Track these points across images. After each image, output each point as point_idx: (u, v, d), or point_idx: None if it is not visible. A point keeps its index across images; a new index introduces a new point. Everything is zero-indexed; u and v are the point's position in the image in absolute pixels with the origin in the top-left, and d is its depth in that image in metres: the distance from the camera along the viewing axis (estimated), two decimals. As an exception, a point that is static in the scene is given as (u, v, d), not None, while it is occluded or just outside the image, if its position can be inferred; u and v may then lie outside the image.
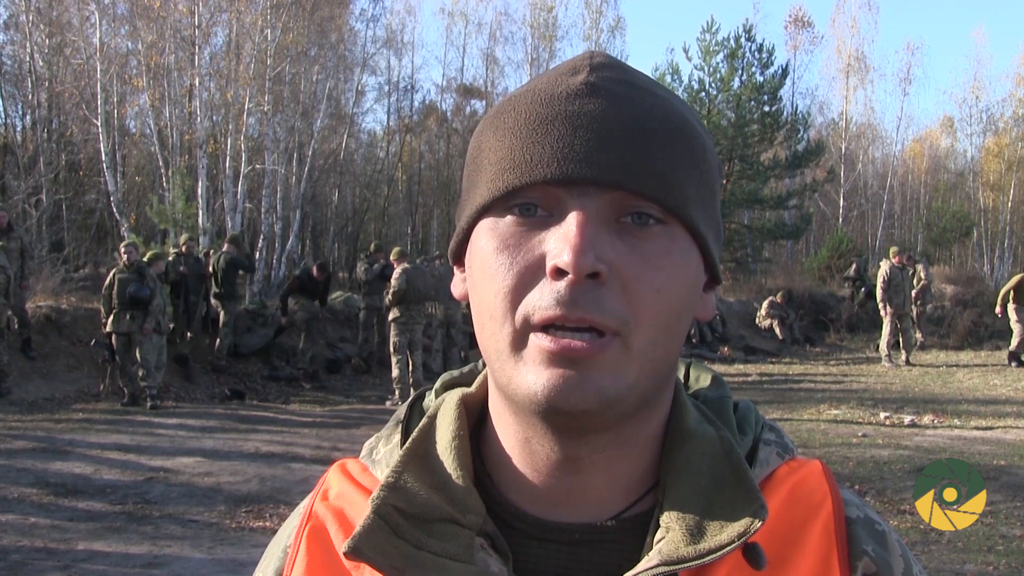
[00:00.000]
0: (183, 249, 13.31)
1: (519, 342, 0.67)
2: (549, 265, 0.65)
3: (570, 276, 0.64)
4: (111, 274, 11.09)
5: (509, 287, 0.67)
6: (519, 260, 0.67)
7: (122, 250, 11.33)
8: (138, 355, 10.87)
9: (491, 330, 0.69)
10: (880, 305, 15.74)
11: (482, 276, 0.70)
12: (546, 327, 0.66)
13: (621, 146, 0.66)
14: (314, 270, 13.80)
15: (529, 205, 0.68)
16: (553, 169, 0.66)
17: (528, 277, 0.67)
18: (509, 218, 0.69)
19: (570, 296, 0.64)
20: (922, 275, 17.53)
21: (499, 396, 0.74)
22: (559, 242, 0.65)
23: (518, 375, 0.67)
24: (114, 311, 10.82)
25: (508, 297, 0.67)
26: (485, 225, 0.70)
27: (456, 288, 0.78)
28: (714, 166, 0.73)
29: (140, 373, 10.93)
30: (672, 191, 0.68)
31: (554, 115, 0.68)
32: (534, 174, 0.67)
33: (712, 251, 0.72)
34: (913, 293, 15.65)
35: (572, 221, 0.65)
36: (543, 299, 0.66)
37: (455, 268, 0.78)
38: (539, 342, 0.66)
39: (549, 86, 0.70)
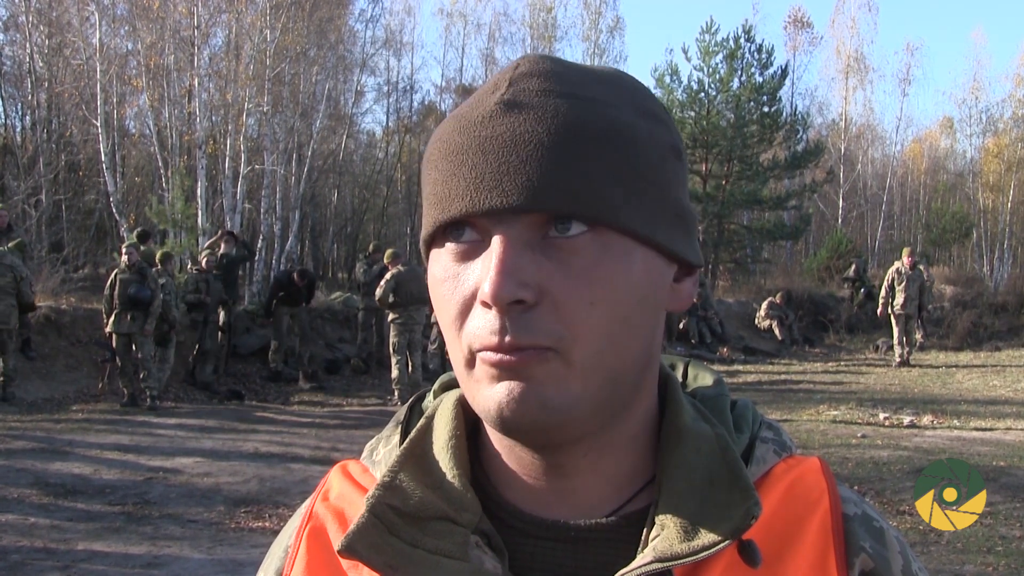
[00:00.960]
0: (203, 265, 13.04)
1: (469, 363, 0.69)
2: (479, 298, 0.67)
3: (493, 308, 0.66)
4: (112, 275, 11.08)
5: (453, 316, 0.69)
6: (457, 291, 0.69)
7: (123, 251, 11.32)
8: (140, 356, 10.91)
9: (452, 352, 0.71)
10: (881, 305, 15.76)
11: (436, 304, 0.72)
12: (486, 351, 0.67)
13: (530, 166, 0.66)
14: (294, 276, 13.71)
15: (460, 231, 0.69)
16: (467, 203, 0.67)
17: (466, 306, 0.69)
18: (447, 247, 0.70)
19: (499, 325, 0.65)
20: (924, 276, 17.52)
21: None
22: (483, 273, 0.67)
23: (475, 393, 0.69)
24: (115, 312, 10.82)
25: (454, 325, 0.69)
26: (433, 256, 0.73)
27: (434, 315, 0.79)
28: (656, 154, 0.70)
29: (141, 374, 10.97)
30: (591, 200, 0.66)
31: (468, 144, 0.68)
32: (452, 209, 0.68)
33: (666, 244, 0.71)
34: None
35: (492, 251, 0.66)
36: (479, 328, 0.67)
37: None
38: (485, 360, 0.67)
39: (469, 110, 0.70)
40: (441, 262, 0.71)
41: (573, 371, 0.66)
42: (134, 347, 10.95)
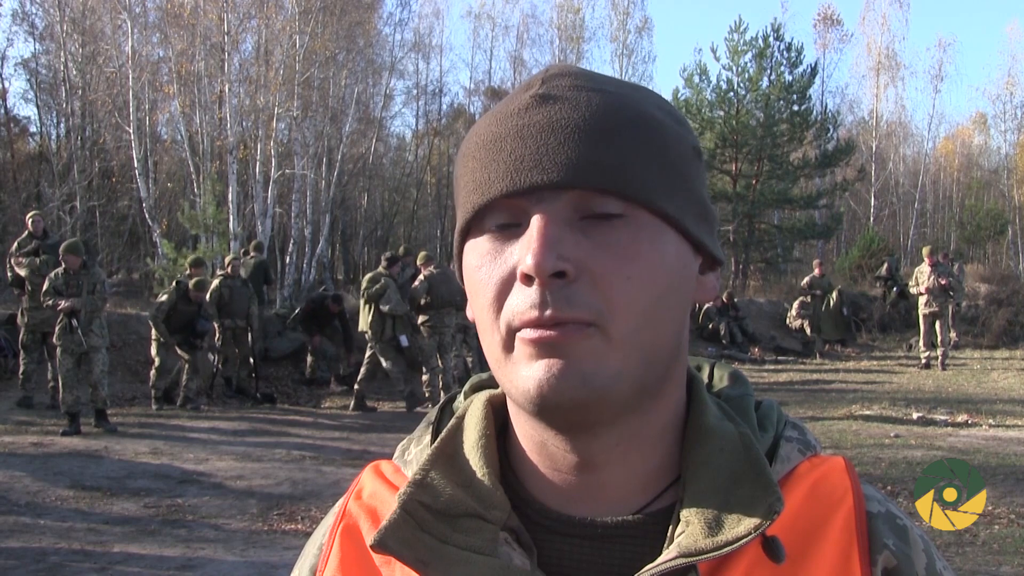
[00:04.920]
0: (228, 270, 12.69)
1: (508, 346, 0.70)
2: (519, 273, 0.68)
3: (536, 279, 0.67)
4: (168, 299, 11.12)
5: (491, 299, 0.71)
6: (495, 272, 0.71)
7: (189, 284, 11.30)
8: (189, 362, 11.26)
9: (487, 341, 0.73)
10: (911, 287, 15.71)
11: (471, 292, 0.74)
12: (526, 327, 0.69)
13: (569, 146, 0.69)
14: (329, 303, 13.65)
15: (497, 217, 0.71)
16: (507, 183, 0.69)
17: (505, 287, 0.70)
18: (485, 235, 0.72)
19: (540, 298, 0.67)
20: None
21: (511, 402, 0.77)
22: (523, 249, 0.68)
23: (513, 375, 0.70)
24: (168, 338, 11.07)
25: (492, 308, 0.71)
26: (468, 246, 0.74)
27: (469, 310, 0.80)
28: (682, 150, 0.74)
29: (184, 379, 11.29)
30: (628, 181, 0.69)
31: (505, 132, 0.71)
32: (492, 191, 0.70)
33: (694, 233, 0.73)
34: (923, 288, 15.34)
35: (533, 226, 0.68)
36: (519, 304, 0.69)
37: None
38: (524, 337, 0.69)
39: (504, 106, 0.73)
40: (478, 249, 0.73)
41: (612, 347, 0.68)
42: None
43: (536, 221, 0.68)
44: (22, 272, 10.76)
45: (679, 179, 0.73)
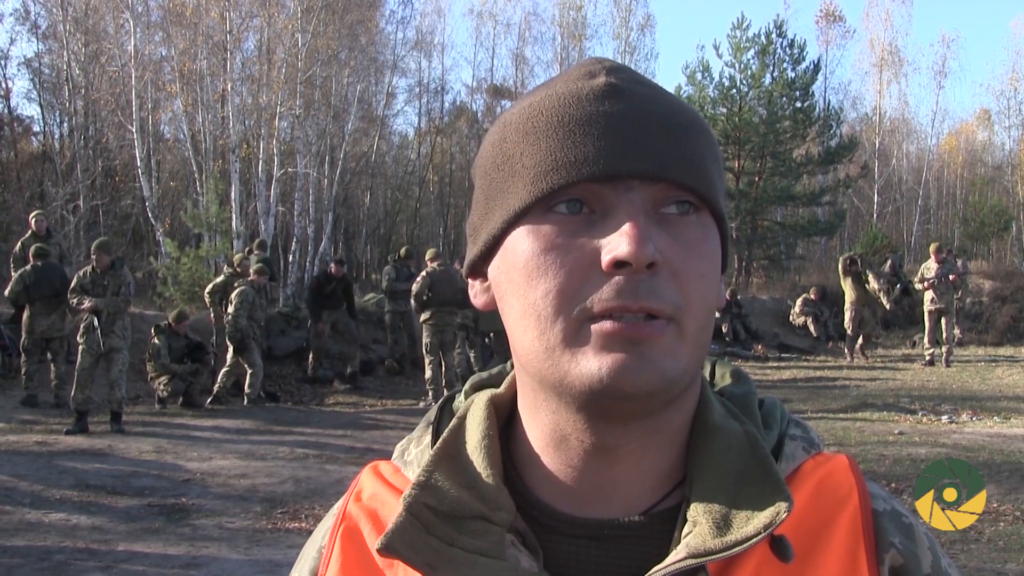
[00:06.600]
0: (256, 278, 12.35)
1: (575, 335, 0.68)
2: (606, 259, 0.66)
3: (631, 267, 0.66)
4: (161, 346, 11.19)
5: (561, 284, 0.68)
6: (569, 258, 0.68)
7: (169, 320, 11.59)
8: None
9: (539, 329, 0.69)
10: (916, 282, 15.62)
11: (526, 277, 0.70)
12: (607, 316, 0.67)
13: (657, 141, 0.69)
14: (331, 267, 13.70)
15: (575, 202, 0.69)
16: (600, 166, 0.68)
17: (580, 273, 0.68)
18: (552, 218, 0.70)
19: (630, 287, 0.66)
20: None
21: (535, 395, 0.74)
22: (616, 236, 0.67)
23: (577, 365, 0.68)
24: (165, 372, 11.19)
25: (561, 295, 0.68)
26: (523, 230, 0.71)
27: (478, 298, 0.78)
28: (721, 157, 0.76)
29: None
30: (704, 180, 0.70)
31: (588, 116, 0.69)
32: (581, 172, 0.68)
33: (728, 236, 0.75)
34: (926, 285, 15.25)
35: (624, 216, 0.67)
36: (603, 292, 0.67)
37: (471, 279, 0.79)
38: (602, 327, 0.67)
39: (573, 89, 0.71)
40: (543, 233, 0.70)
41: (684, 342, 0.68)
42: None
43: (629, 210, 0.67)
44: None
45: (723, 184, 0.75)
